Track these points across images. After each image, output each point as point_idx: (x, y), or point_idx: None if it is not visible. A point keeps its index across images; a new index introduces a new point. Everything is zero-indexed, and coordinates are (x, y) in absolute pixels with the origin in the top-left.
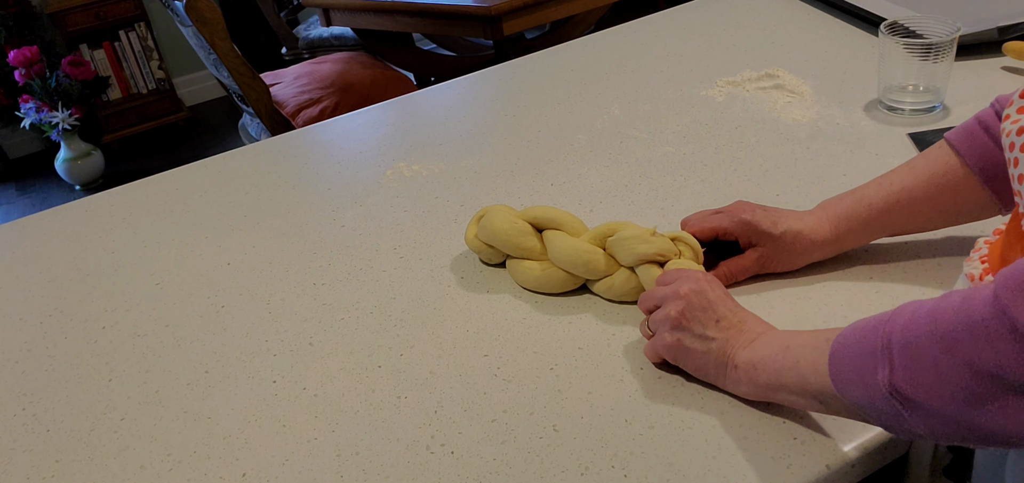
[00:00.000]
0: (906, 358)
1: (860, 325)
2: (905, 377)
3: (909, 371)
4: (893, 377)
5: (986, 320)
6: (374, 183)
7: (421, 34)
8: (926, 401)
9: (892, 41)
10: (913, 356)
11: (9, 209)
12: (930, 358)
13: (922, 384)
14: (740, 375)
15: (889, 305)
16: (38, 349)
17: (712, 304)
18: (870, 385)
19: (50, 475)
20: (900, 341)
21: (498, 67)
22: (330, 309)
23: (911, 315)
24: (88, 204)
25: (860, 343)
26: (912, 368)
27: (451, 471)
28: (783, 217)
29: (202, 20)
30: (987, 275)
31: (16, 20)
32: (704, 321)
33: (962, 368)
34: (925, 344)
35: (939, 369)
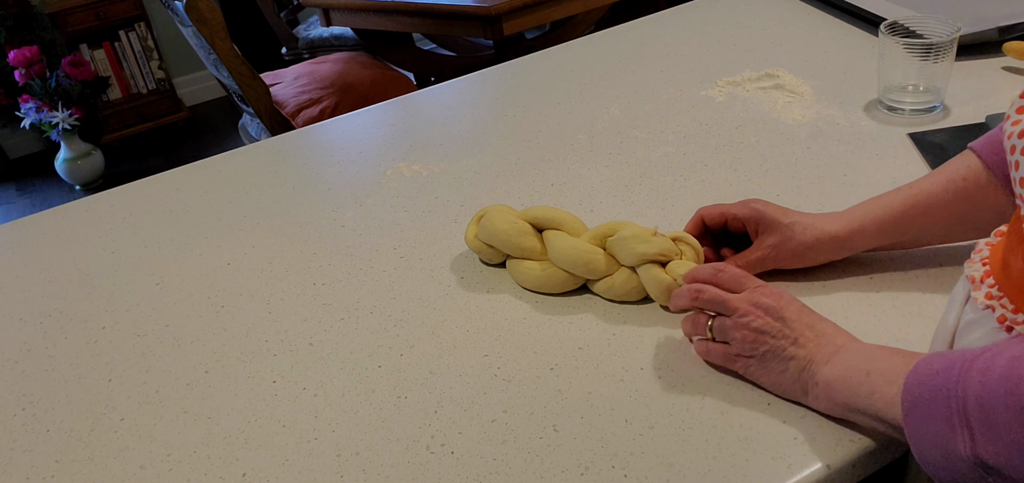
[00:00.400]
0: (987, 431)
1: (928, 379)
2: (988, 450)
3: (992, 443)
4: (976, 449)
5: None
6: (374, 183)
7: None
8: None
9: (892, 41)
10: (993, 430)
11: (9, 209)
12: (1014, 435)
13: (1007, 457)
14: (820, 393)
15: (891, 308)
16: (38, 349)
17: (789, 322)
18: (951, 454)
19: (50, 475)
20: (977, 413)
21: (498, 67)
22: (330, 309)
23: (982, 376)
24: (88, 204)
25: (932, 404)
26: (994, 441)
27: (451, 471)
28: (794, 212)
29: (202, 20)
30: (988, 278)
31: (16, 20)
32: (783, 341)
33: None
34: (1003, 416)
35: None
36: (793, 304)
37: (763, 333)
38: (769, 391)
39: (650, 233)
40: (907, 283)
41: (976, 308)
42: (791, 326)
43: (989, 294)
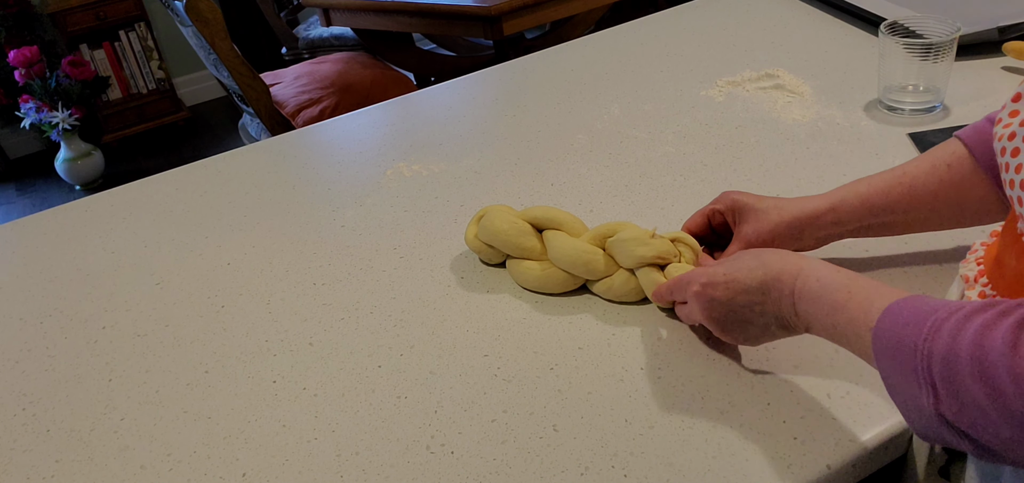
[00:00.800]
0: (949, 393)
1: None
2: (951, 411)
3: (955, 406)
4: (940, 407)
5: None
6: (374, 183)
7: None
8: (975, 433)
9: (892, 41)
10: (956, 394)
11: (9, 209)
12: (977, 401)
13: (970, 422)
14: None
15: None
16: (38, 349)
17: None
18: (919, 406)
19: (50, 475)
20: (941, 374)
21: (498, 67)
22: (330, 309)
23: (951, 338)
24: (88, 204)
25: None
26: (957, 404)
27: (451, 471)
28: (771, 197)
29: (202, 20)
30: (982, 278)
31: (16, 20)
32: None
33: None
34: (967, 383)
35: (986, 414)
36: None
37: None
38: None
39: (649, 235)
40: (906, 281)
41: None
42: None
43: (982, 293)
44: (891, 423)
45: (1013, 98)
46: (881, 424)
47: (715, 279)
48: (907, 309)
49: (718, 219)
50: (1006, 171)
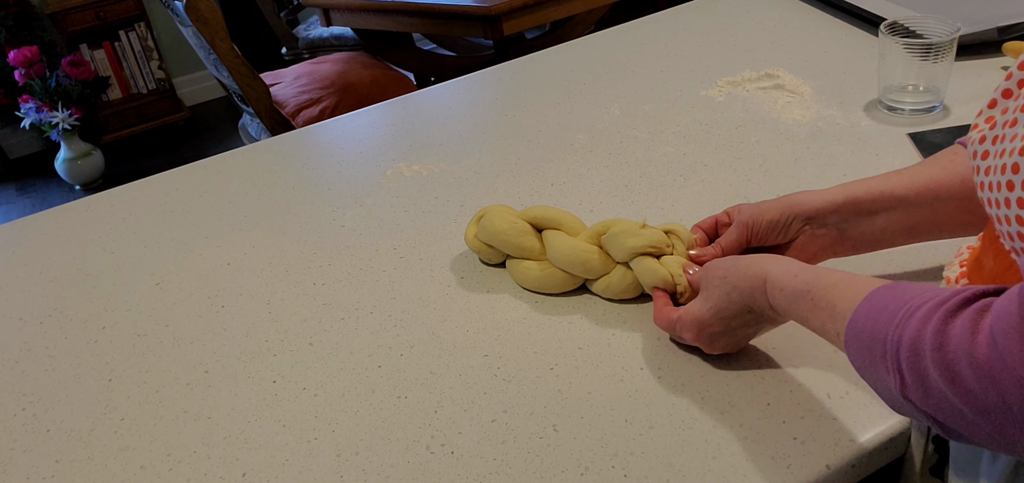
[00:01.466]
0: (915, 380)
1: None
2: (917, 396)
3: (920, 392)
4: (906, 392)
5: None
6: (374, 183)
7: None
8: (941, 418)
9: (892, 41)
10: (922, 381)
11: (9, 209)
12: (936, 388)
13: (935, 408)
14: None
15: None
16: (38, 349)
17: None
18: (888, 388)
19: (50, 475)
20: (908, 360)
21: (498, 67)
22: (330, 309)
23: (919, 325)
24: (88, 204)
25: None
26: (922, 391)
27: (451, 471)
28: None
29: (202, 20)
30: (963, 279)
31: (16, 20)
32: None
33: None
34: (931, 372)
35: (947, 399)
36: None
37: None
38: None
39: (639, 226)
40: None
41: None
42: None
43: None
44: (890, 423)
45: (989, 104)
46: (880, 424)
47: (705, 319)
48: (888, 295)
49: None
50: (977, 173)
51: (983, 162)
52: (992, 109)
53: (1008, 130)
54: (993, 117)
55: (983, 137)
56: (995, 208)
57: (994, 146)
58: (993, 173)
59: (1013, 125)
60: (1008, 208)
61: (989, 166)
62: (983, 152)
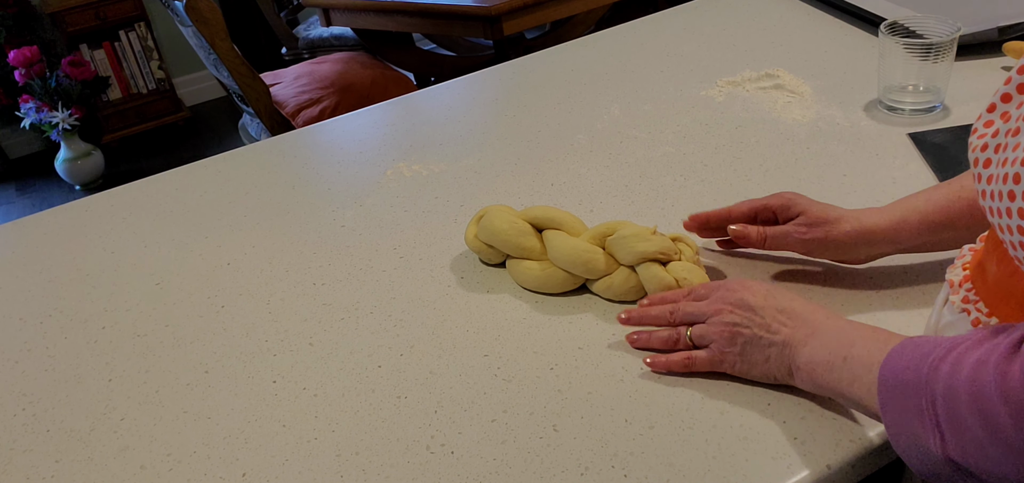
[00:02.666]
0: (954, 433)
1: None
2: (957, 451)
3: (960, 445)
4: (947, 450)
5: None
6: (374, 183)
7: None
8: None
9: (892, 41)
10: (960, 432)
11: (9, 209)
12: (978, 438)
13: (975, 460)
14: (804, 377)
15: (891, 307)
16: (38, 349)
17: (757, 310)
18: (926, 451)
19: (50, 475)
20: (945, 414)
21: (498, 67)
22: (330, 309)
23: (949, 378)
24: (88, 204)
25: (904, 401)
26: (962, 442)
27: (451, 471)
28: (828, 205)
29: (202, 20)
30: (966, 282)
31: (16, 20)
32: (757, 330)
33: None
34: (969, 421)
35: (987, 451)
36: (758, 291)
37: (736, 326)
38: (761, 383)
39: (650, 232)
40: (905, 279)
41: (953, 311)
42: (761, 313)
43: (966, 298)
44: None
45: (988, 108)
46: (880, 425)
47: (755, 286)
48: (908, 351)
49: (767, 215)
50: (979, 181)
51: (985, 171)
52: (991, 113)
53: (1011, 139)
54: (993, 122)
55: (985, 144)
56: (997, 217)
57: (996, 154)
58: (995, 182)
59: (1016, 134)
60: (1011, 218)
61: (991, 175)
62: (985, 160)
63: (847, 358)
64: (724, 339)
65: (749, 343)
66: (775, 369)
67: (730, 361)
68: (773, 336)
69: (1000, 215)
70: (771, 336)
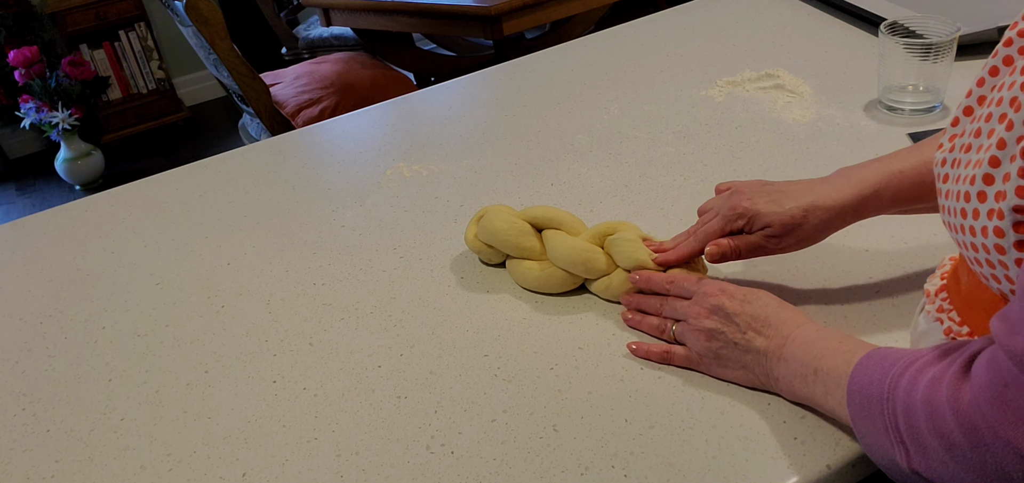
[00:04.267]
0: (917, 449)
1: (865, 387)
2: (921, 465)
3: (924, 460)
4: (912, 464)
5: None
6: (374, 183)
7: (421, 34)
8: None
9: (892, 41)
10: (922, 450)
11: (9, 209)
12: (939, 456)
13: (939, 476)
14: (783, 388)
15: (891, 307)
16: (38, 349)
17: (733, 316)
18: (895, 463)
19: (50, 475)
20: (907, 431)
21: (498, 67)
22: (330, 309)
23: (906, 395)
24: (88, 204)
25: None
26: (925, 459)
27: (451, 471)
28: (789, 194)
29: (202, 20)
30: (942, 292)
31: (16, 20)
32: (733, 336)
33: (968, 468)
34: (929, 440)
35: (948, 466)
36: (735, 296)
37: (712, 333)
38: (694, 376)
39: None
40: (907, 284)
41: (928, 320)
42: (735, 320)
43: (941, 307)
44: None
45: (952, 122)
46: None
47: (733, 291)
48: (871, 366)
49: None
50: (940, 196)
51: (944, 185)
52: (955, 127)
53: (963, 155)
54: (955, 137)
55: (944, 160)
56: (954, 232)
57: (952, 170)
58: (951, 198)
59: (967, 150)
60: (963, 234)
61: (948, 190)
62: (944, 175)
63: (818, 371)
64: (700, 343)
65: (725, 348)
66: (755, 376)
67: (706, 364)
68: (748, 344)
69: (956, 231)
70: (746, 343)
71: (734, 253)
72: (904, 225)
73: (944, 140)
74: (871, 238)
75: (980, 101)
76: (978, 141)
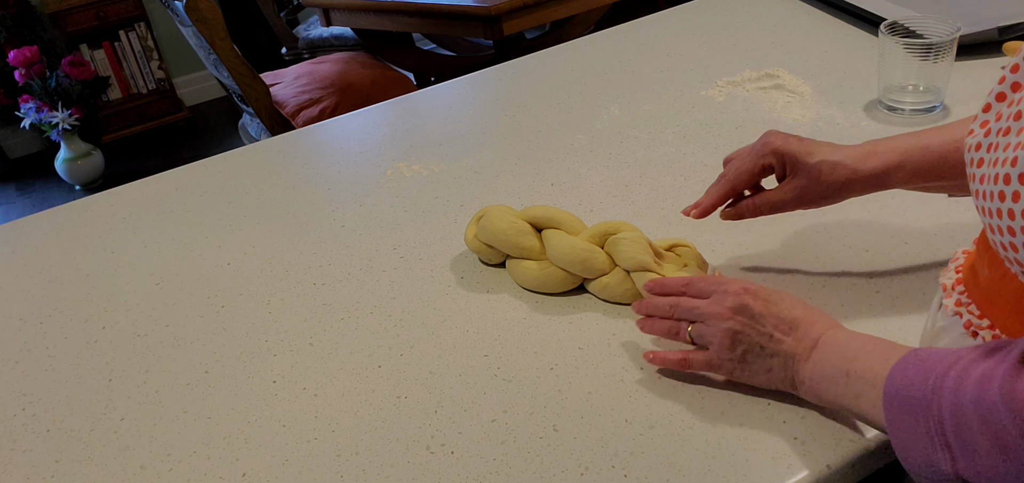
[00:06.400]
0: (965, 453)
1: (905, 389)
2: (969, 471)
3: (972, 465)
4: (958, 469)
5: None
6: (374, 183)
7: (421, 34)
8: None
9: (892, 41)
10: (972, 453)
11: (9, 209)
12: (991, 460)
13: (987, 477)
14: (808, 391)
15: (890, 307)
16: (38, 349)
17: (759, 318)
18: (936, 469)
19: (50, 475)
20: (954, 434)
21: (498, 67)
22: (330, 309)
23: (954, 395)
24: (88, 204)
25: (912, 419)
26: (974, 463)
27: (451, 471)
28: (820, 147)
29: (202, 20)
30: (958, 286)
31: (16, 20)
32: (759, 339)
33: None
34: (981, 442)
35: (999, 467)
36: (760, 296)
37: (737, 333)
38: (765, 389)
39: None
40: (907, 284)
41: (946, 315)
42: (762, 322)
43: (958, 301)
44: None
45: (983, 108)
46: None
47: (757, 290)
48: (911, 367)
49: (768, 172)
50: (973, 181)
51: (978, 170)
52: (987, 113)
53: (1001, 139)
54: (987, 122)
55: (978, 144)
56: (987, 217)
57: (988, 154)
58: (987, 182)
59: (1006, 134)
60: (1000, 218)
61: (983, 174)
62: (978, 159)
63: (850, 373)
64: (724, 345)
65: (750, 352)
66: (778, 379)
67: (728, 367)
68: (775, 347)
69: (990, 215)
70: (773, 346)
71: (757, 210)
72: (904, 225)
73: (975, 126)
74: (871, 238)
75: (1014, 87)
76: (1019, 124)
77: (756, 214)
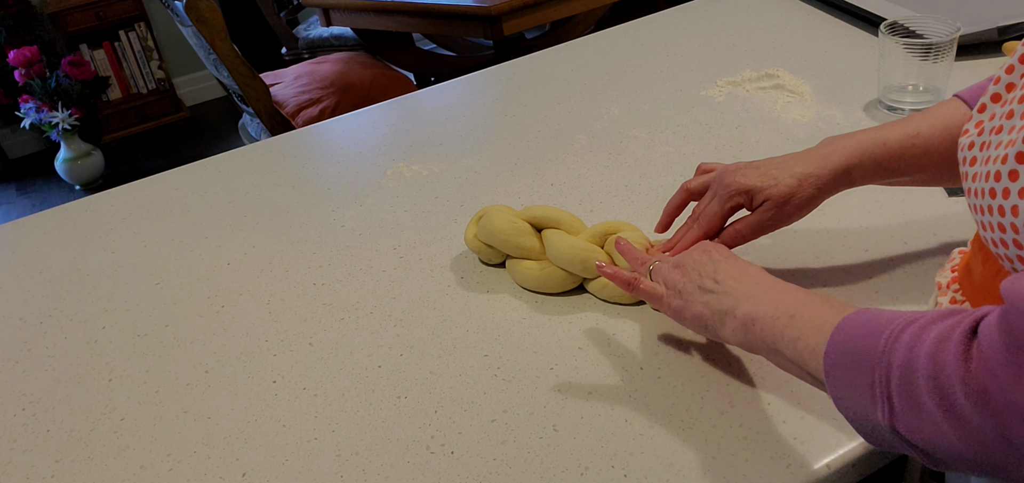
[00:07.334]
0: (907, 407)
1: (855, 337)
2: (905, 425)
3: (910, 420)
4: (894, 422)
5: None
6: (374, 183)
7: (421, 34)
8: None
9: (892, 41)
10: (914, 409)
11: (9, 209)
12: (933, 418)
13: (924, 437)
14: (737, 326)
15: (889, 305)
16: (38, 349)
17: (714, 260)
18: (870, 417)
19: (50, 475)
20: (899, 387)
21: (498, 67)
22: (330, 309)
23: (908, 350)
24: (88, 204)
25: (855, 366)
26: (914, 419)
27: (451, 471)
28: (780, 168)
29: (202, 20)
30: (954, 284)
31: (16, 20)
32: (702, 273)
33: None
34: (925, 399)
35: (939, 428)
36: (722, 249)
37: (684, 266)
38: (688, 327)
39: (648, 243)
40: (906, 285)
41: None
42: (715, 262)
43: (953, 299)
44: None
45: (978, 108)
46: None
47: (722, 249)
48: (864, 316)
49: (738, 209)
50: (966, 179)
51: (971, 168)
52: (982, 114)
53: (994, 137)
54: (982, 122)
55: (972, 143)
56: (980, 214)
57: (981, 152)
58: (979, 180)
59: (998, 132)
60: (991, 215)
61: (976, 172)
62: (971, 158)
63: (794, 316)
64: (671, 276)
65: (689, 282)
66: (709, 315)
67: (668, 298)
68: (717, 285)
69: (982, 213)
70: (715, 281)
71: (738, 238)
72: (904, 226)
73: (970, 126)
74: (871, 238)
75: (1009, 88)
76: (1011, 122)
77: (738, 244)
